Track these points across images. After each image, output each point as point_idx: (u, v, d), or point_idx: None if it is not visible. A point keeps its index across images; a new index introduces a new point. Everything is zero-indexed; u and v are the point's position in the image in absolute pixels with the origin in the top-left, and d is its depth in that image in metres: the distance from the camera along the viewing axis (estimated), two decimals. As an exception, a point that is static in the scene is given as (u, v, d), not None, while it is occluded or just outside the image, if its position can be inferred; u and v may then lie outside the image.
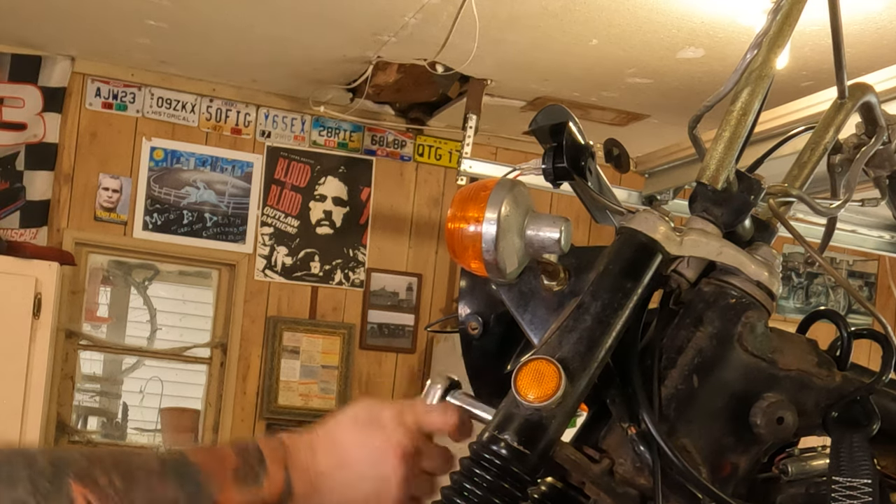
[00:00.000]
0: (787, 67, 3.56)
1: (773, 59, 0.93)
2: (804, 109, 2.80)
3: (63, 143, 4.79)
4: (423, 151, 5.32)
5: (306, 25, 4.00)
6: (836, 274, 1.01)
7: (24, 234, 4.69)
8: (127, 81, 4.88)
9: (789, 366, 0.90)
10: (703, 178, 0.92)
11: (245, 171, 5.06)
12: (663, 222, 0.89)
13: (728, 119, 0.92)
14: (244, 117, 5.06)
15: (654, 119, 4.75)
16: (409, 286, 5.29)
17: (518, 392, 0.82)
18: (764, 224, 1.01)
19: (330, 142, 5.19)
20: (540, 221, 0.90)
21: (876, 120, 1.08)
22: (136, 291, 5.16)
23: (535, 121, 1.00)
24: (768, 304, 0.91)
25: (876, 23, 3.39)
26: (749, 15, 3.37)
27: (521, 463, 0.83)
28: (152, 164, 4.94)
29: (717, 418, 0.89)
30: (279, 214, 5.09)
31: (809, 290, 5.78)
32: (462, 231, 0.90)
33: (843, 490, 0.86)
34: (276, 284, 5.10)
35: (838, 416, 0.91)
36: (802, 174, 1.06)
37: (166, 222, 4.95)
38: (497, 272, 0.91)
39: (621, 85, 4.33)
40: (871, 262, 5.84)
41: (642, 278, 0.88)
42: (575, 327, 0.86)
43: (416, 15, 3.72)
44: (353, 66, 4.44)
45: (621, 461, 0.88)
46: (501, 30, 3.77)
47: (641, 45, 3.82)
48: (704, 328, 0.89)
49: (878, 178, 1.12)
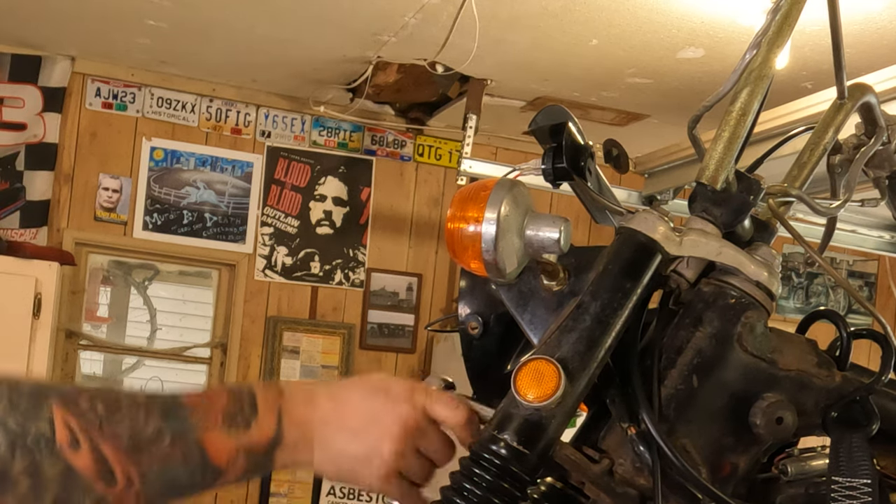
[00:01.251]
0: (787, 67, 3.56)
1: (772, 59, 0.93)
2: (804, 109, 2.80)
3: (63, 143, 4.79)
4: (423, 151, 5.32)
5: (306, 25, 4.00)
6: (836, 274, 1.01)
7: (24, 234, 4.69)
8: (127, 81, 4.88)
9: (789, 366, 0.90)
10: (702, 179, 0.92)
11: (245, 171, 5.06)
12: (663, 222, 0.89)
13: (727, 119, 0.92)
14: (244, 117, 5.06)
15: (653, 119, 4.75)
16: (409, 286, 5.29)
17: (518, 392, 0.82)
18: (764, 224, 1.01)
19: (330, 142, 5.19)
20: (540, 221, 0.90)
21: (875, 120, 1.08)
22: (136, 291, 5.16)
23: (534, 121, 1.00)
24: (768, 304, 0.91)
25: (876, 23, 3.39)
26: (749, 15, 3.37)
27: (521, 463, 0.83)
28: (152, 164, 4.94)
29: (716, 418, 0.89)
30: (279, 214, 5.09)
31: (809, 290, 5.78)
32: (462, 231, 0.90)
33: (842, 490, 0.86)
34: (276, 284, 5.10)
35: (838, 416, 0.91)
36: (802, 174, 1.06)
37: (166, 222, 4.95)
38: (497, 272, 0.91)
39: (621, 85, 4.33)
40: (871, 262, 5.84)
41: (642, 278, 0.88)
42: (574, 327, 0.86)
43: (416, 15, 3.72)
44: (353, 66, 4.44)
45: (621, 461, 0.88)
46: (501, 30, 3.77)
47: (641, 45, 3.82)
48: (704, 328, 0.89)
49: (878, 178, 1.12)
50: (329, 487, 4.97)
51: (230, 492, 5.00)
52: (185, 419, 0.86)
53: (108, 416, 0.84)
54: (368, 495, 4.96)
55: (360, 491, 4.98)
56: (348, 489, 4.97)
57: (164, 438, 0.85)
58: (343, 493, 4.98)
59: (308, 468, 0.91)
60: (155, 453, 0.84)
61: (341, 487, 4.97)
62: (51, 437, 0.82)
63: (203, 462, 0.86)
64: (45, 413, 0.82)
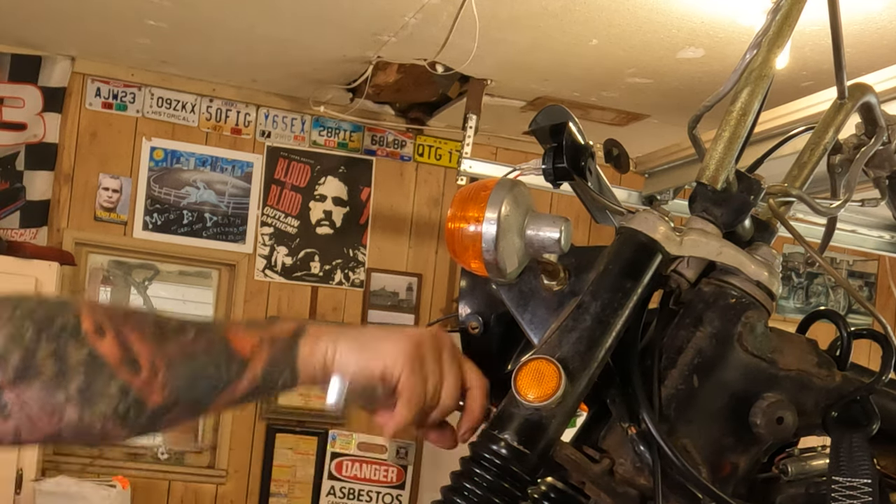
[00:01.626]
0: (787, 67, 3.56)
1: (772, 59, 0.93)
2: (804, 109, 2.80)
3: (63, 143, 4.79)
4: (423, 151, 5.32)
5: (306, 25, 4.00)
6: (836, 274, 1.01)
7: (24, 234, 4.69)
8: (127, 81, 4.88)
9: (789, 366, 0.90)
10: (702, 179, 0.92)
11: (245, 171, 5.06)
12: (663, 222, 0.89)
13: (728, 119, 0.92)
14: (244, 117, 5.06)
15: (654, 119, 4.75)
16: (409, 286, 5.29)
17: (518, 392, 0.82)
18: (764, 224, 1.01)
19: (330, 142, 5.19)
20: (540, 221, 0.90)
21: (876, 120, 1.08)
22: (136, 291, 5.16)
23: (535, 121, 1.00)
24: (768, 304, 0.91)
25: (876, 23, 3.39)
26: (749, 15, 3.37)
27: (521, 463, 0.83)
28: (152, 164, 4.94)
29: (716, 418, 0.89)
30: (279, 214, 5.09)
31: (809, 290, 5.78)
32: (462, 231, 0.90)
33: (842, 490, 0.86)
34: (276, 284, 5.10)
35: (838, 416, 0.91)
36: (802, 174, 1.06)
37: (166, 222, 4.95)
38: (497, 272, 0.91)
39: (621, 85, 4.33)
40: (871, 262, 5.84)
41: (642, 278, 0.88)
42: (575, 327, 0.86)
43: (416, 15, 3.72)
44: (353, 66, 4.44)
45: (621, 461, 0.88)
46: (501, 30, 3.77)
47: (641, 45, 3.82)
48: (704, 328, 0.89)
49: (878, 178, 1.12)
50: (329, 487, 4.97)
51: (230, 492, 5.01)
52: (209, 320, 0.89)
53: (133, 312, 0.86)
54: (368, 495, 4.96)
55: (360, 491, 4.98)
56: (348, 489, 4.97)
57: (188, 331, 0.86)
58: (343, 493, 4.98)
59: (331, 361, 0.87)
60: (180, 342, 0.85)
61: (341, 487, 4.97)
62: (77, 325, 0.83)
63: (227, 352, 0.86)
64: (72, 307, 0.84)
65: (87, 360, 0.82)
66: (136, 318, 0.85)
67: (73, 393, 0.81)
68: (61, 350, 0.81)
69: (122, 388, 0.82)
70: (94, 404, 0.82)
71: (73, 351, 0.82)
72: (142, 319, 0.86)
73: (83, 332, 0.82)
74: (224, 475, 4.98)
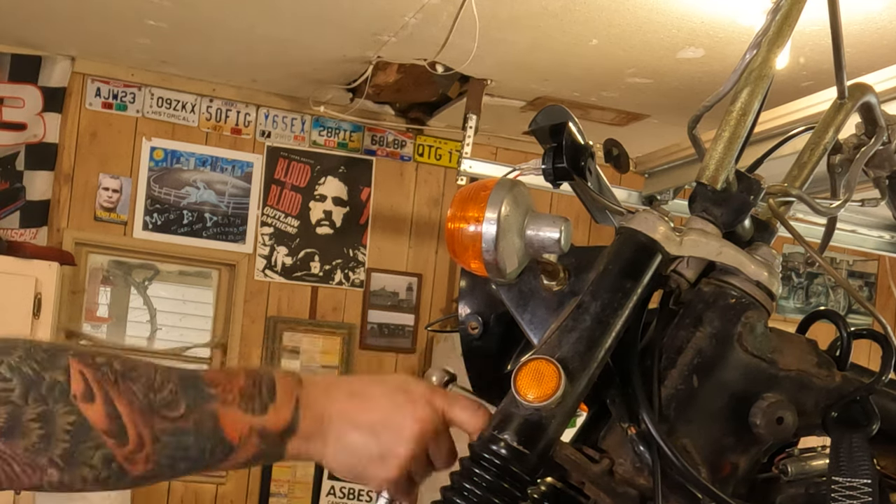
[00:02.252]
0: (787, 67, 3.56)
1: (772, 59, 0.93)
2: (804, 109, 2.80)
3: (63, 143, 4.79)
4: (423, 151, 5.32)
5: (306, 25, 4.00)
6: (836, 274, 1.01)
7: (24, 234, 4.69)
8: (127, 81, 4.88)
9: (789, 366, 0.90)
10: (702, 179, 0.92)
11: (245, 171, 5.06)
12: (663, 222, 0.89)
13: (728, 119, 0.92)
14: (244, 117, 5.06)
15: (653, 119, 4.75)
16: (409, 286, 5.29)
17: (518, 392, 0.82)
18: (764, 224, 1.01)
19: (330, 142, 5.19)
20: (540, 221, 0.90)
21: (876, 120, 1.08)
22: (136, 291, 5.16)
23: (535, 121, 1.00)
24: (768, 304, 0.91)
25: (876, 23, 3.39)
26: (749, 15, 3.37)
27: (521, 463, 0.83)
28: (152, 164, 4.94)
29: (716, 418, 0.89)
30: (279, 214, 5.09)
31: (809, 290, 5.78)
32: (462, 231, 0.90)
33: (842, 490, 0.86)
34: (276, 284, 5.10)
35: (838, 416, 0.91)
36: (802, 174, 1.06)
37: (166, 222, 4.95)
38: (497, 272, 0.91)
39: (621, 85, 4.33)
40: (871, 262, 5.84)
41: (642, 278, 0.88)
42: (575, 327, 0.86)
43: (416, 15, 3.72)
44: (353, 66, 4.44)
45: (621, 461, 0.88)
46: (501, 30, 3.77)
47: (641, 45, 3.82)
48: (704, 328, 0.89)
49: (878, 178, 1.12)
50: (329, 487, 4.97)
51: (230, 492, 5.01)
52: (203, 390, 0.85)
53: (125, 373, 0.83)
54: (368, 495, 4.96)
55: (360, 491, 4.98)
56: (348, 489, 4.97)
57: (179, 405, 0.84)
58: (343, 493, 4.98)
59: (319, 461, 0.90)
60: (169, 418, 0.83)
61: (341, 487, 4.97)
62: (66, 387, 0.81)
63: (216, 435, 0.85)
64: (61, 363, 0.82)
65: (74, 425, 0.81)
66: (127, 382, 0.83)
67: (56, 458, 0.80)
68: (49, 413, 0.80)
69: (106, 457, 0.82)
70: (77, 468, 0.81)
71: (61, 416, 0.80)
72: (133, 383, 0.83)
73: (72, 394, 0.81)
74: (224, 475, 4.98)
